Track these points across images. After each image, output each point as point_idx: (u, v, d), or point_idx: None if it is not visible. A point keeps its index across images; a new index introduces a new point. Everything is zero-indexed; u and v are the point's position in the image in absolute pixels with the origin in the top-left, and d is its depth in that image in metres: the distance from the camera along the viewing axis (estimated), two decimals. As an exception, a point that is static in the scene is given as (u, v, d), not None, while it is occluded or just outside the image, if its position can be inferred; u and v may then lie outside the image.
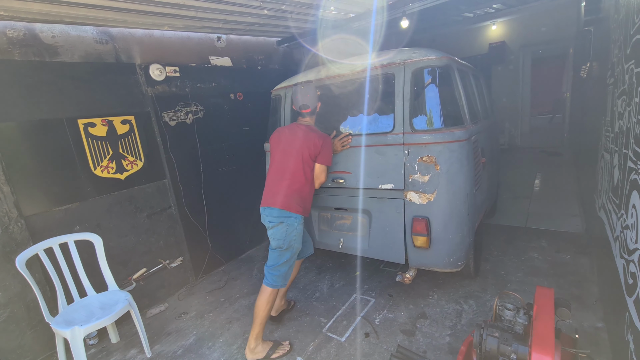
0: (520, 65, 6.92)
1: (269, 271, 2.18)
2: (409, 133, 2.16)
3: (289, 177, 2.16)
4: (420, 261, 2.30)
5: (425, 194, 2.16)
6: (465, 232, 2.23)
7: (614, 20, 2.21)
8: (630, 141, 1.56)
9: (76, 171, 2.53)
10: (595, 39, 3.35)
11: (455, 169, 2.12)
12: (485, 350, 1.37)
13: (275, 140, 2.32)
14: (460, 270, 2.32)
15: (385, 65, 2.28)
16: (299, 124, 2.29)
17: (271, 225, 2.16)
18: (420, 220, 2.18)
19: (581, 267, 2.66)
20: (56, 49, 2.46)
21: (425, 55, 2.20)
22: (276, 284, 2.16)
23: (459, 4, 5.27)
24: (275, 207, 2.14)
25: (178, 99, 3.17)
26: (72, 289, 2.27)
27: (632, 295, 1.41)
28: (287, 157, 2.20)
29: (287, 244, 2.14)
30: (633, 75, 1.55)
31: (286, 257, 2.16)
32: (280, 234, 2.13)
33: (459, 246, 2.22)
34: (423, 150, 2.13)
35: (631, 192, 1.50)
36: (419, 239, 2.20)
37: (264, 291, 2.16)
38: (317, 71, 2.73)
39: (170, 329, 2.65)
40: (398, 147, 2.20)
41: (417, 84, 2.18)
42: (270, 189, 2.23)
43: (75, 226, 2.53)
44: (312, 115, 2.31)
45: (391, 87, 2.24)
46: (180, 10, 2.59)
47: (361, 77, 2.40)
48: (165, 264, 3.10)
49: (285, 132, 2.29)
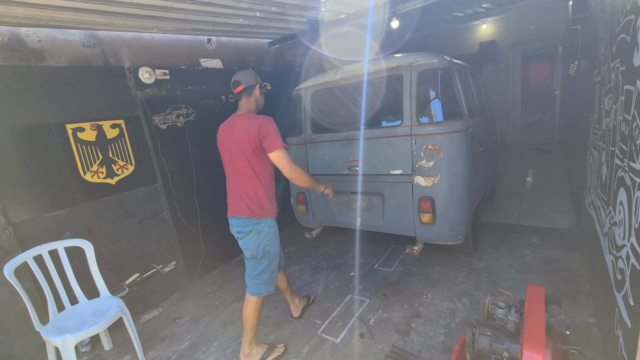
0: (510, 63, 6.99)
1: (250, 280, 2.08)
2: (416, 126, 2.50)
3: (240, 181, 1.98)
4: (427, 236, 2.63)
5: (430, 177, 2.50)
6: (465, 210, 2.57)
7: (600, 19, 2.24)
8: (616, 139, 1.58)
9: (65, 177, 2.50)
10: (583, 37, 3.39)
11: (455, 155, 2.45)
12: (478, 349, 1.38)
13: (219, 140, 2.08)
14: (460, 243, 2.66)
15: (394, 67, 2.60)
16: (235, 115, 2.03)
17: (240, 236, 2.02)
18: (426, 200, 2.52)
19: (572, 263, 2.69)
20: (42, 53, 2.42)
21: (429, 59, 2.52)
22: (261, 292, 2.06)
23: (449, 3, 5.31)
24: (240, 216, 1.98)
25: (169, 102, 3.14)
26: (63, 297, 2.24)
27: (620, 291, 1.42)
28: (233, 157, 1.98)
29: (262, 252, 2.00)
30: (619, 73, 1.57)
31: (264, 264, 2.03)
32: (251, 243, 1.99)
33: (460, 222, 2.55)
34: (428, 140, 2.46)
35: (618, 189, 1.52)
36: (425, 216, 2.54)
37: (249, 300, 2.07)
38: (333, 73, 3.02)
39: (164, 334, 2.63)
40: (406, 137, 2.53)
41: (422, 84, 2.51)
42: (230, 196, 2.06)
43: (65, 232, 2.50)
44: (249, 96, 2.02)
45: (400, 87, 2.57)
46: (169, 13, 2.57)
47: (374, 78, 2.72)
48: (159, 268, 3.07)
49: (226, 129, 2.03)
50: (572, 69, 4.00)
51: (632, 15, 1.34)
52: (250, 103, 2.04)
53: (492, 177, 3.86)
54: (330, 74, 3.05)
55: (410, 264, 3.09)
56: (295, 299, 2.58)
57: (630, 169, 1.33)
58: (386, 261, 3.22)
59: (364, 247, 3.60)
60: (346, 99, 2.92)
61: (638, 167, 1.22)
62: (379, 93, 2.79)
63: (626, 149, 1.39)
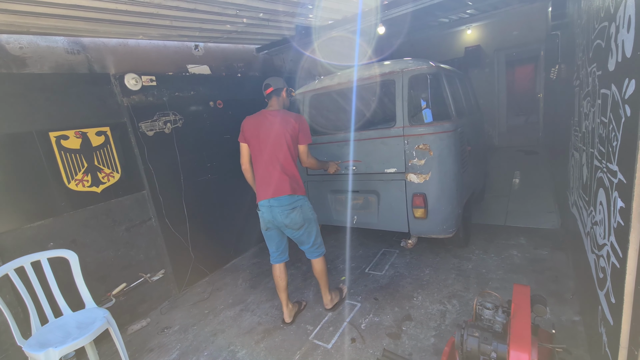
0: (495, 67, 7.16)
1: (310, 249, 2.45)
2: (408, 126, 2.65)
3: (281, 165, 2.26)
4: (420, 230, 2.79)
5: (422, 175, 2.66)
6: (455, 205, 2.74)
7: (578, 25, 2.32)
8: (595, 141, 1.63)
9: (48, 186, 2.44)
10: (563, 42, 3.50)
11: (445, 153, 2.62)
12: (467, 351, 1.39)
13: (250, 131, 2.33)
14: (452, 236, 2.81)
15: (387, 73, 2.76)
16: (269, 110, 2.35)
17: (286, 213, 2.28)
18: (419, 196, 2.68)
19: (558, 263, 2.74)
20: (24, 60, 2.38)
21: (419, 64, 2.69)
22: (322, 251, 2.51)
23: (434, 9, 5.41)
24: (283, 195, 2.26)
25: (156, 109, 3.11)
26: (47, 309, 2.17)
27: (602, 289, 1.46)
28: (273, 145, 2.26)
29: (308, 220, 2.37)
30: (595, 78, 1.62)
31: (314, 229, 2.43)
32: (298, 217, 2.31)
33: (450, 216, 2.71)
34: (419, 140, 2.62)
35: (598, 189, 1.57)
36: (418, 211, 2.70)
37: (318, 262, 2.50)
38: (330, 79, 3.16)
39: (153, 344, 2.58)
40: (399, 138, 2.69)
41: (413, 88, 2.69)
42: (266, 181, 2.29)
43: (48, 243, 2.44)
44: (278, 96, 2.37)
45: (392, 90, 2.73)
46: (154, 20, 2.56)
47: (368, 82, 2.88)
48: (147, 277, 3.01)
49: (260, 120, 2.32)
50: (553, 73, 4.12)
51: (606, 22, 1.39)
52: (279, 102, 2.38)
53: (482, 175, 3.99)
54: (327, 80, 3.19)
55: (401, 267, 3.11)
56: (290, 303, 2.59)
57: (608, 170, 1.37)
58: (377, 264, 3.23)
59: (355, 250, 3.61)
60: (343, 103, 3.11)
61: (615, 168, 1.26)
62: (373, 97, 3.01)
63: (604, 150, 1.44)
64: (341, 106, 3.21)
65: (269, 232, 2.44)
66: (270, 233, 2.44)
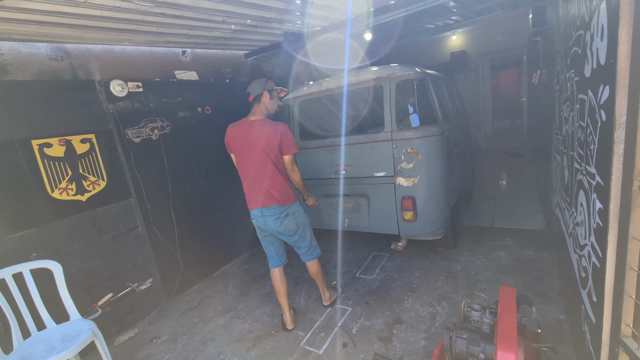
0: (480, 72, 7.31)
1: (305, 251, 2.49)
2: (396, 131, 2.69)
3: (266, 177, 2.24)
4: (409, 232, 2.83)
5: (411, 178, 2.69)
6: (443, 207, 2.80)
7: (557, 32, 2.40)
8: (575, 144, 1.69)
9: (31, 195, 2.38)
10: (544, 48, 3.61)
11: (432, 157, 2.67)
12: (456, 352, 1.41)
13: (234, 141, 2.28)
14: (441, 238, 2.87)
15: (375, 79, 2.79)
16: (249, 119, 2.27)
17: (279, 222, 2.29)
18: (408, 199, 2.72)
19: (544, 263, 2.80)
20: (5, 67, 2.32)
21: (406, 71, 2.73)
22: (317, 253, 2.56)
23: (420, 15, 5.51)
24: (274, 205, 2.25)
25: (142, 115, 3.08)
26: (29, 322, 2.11)
27: (585, 288, 1.50)
28: (255, 158, 2.22)
29: (301, 225, 2.40)
30: (573, 83, 1.68)
31: (307, 234, 2.47)
32: (291, 224, 2.33)
33: (439, 218, 2.77)
34: (407, 144, 2.65)
35: (578, 191, 1.61)
36: (407, 214, 2.74)
37: (313, 264, 2.54)
38: (319, 84, 3.17)
39: (140, 356, 2.52)
40: (388, 142, 2.72)
41: (401, 93, 2.73)
42: (256, 190, 2.27)
43: (31, 254, 2.37)
44: (259, 102, 2.26)
45: (381, 96, 2.76)
46: (140, 26, 2.54)
47: (356, 88, 2.90)
48: (134, 287, 2.96)
49: (242, 132, 2.25)
50: (535, 78, 4.23)
51: (582, 30, 1.44)
52: (261, 109, 2.29)
53: (469, 177, 4.06)
54: (315, 86, 3.20)
55: (391, 271, 3.13)
56: (291, 308, 2.61)
57: (587, 172, 1.42)
58: (367, 268, 3.25)
59: (346, 255, 3.62)
60: (332, 108, 3.14)
61: (593, 171, 1.31)
62: (361, 102, 3.02)
63: (583, 153, 1.49)
64: (330, 111, 3.25)
65: (266, 238, 2.44)
66: (269, 238, 2.44)
